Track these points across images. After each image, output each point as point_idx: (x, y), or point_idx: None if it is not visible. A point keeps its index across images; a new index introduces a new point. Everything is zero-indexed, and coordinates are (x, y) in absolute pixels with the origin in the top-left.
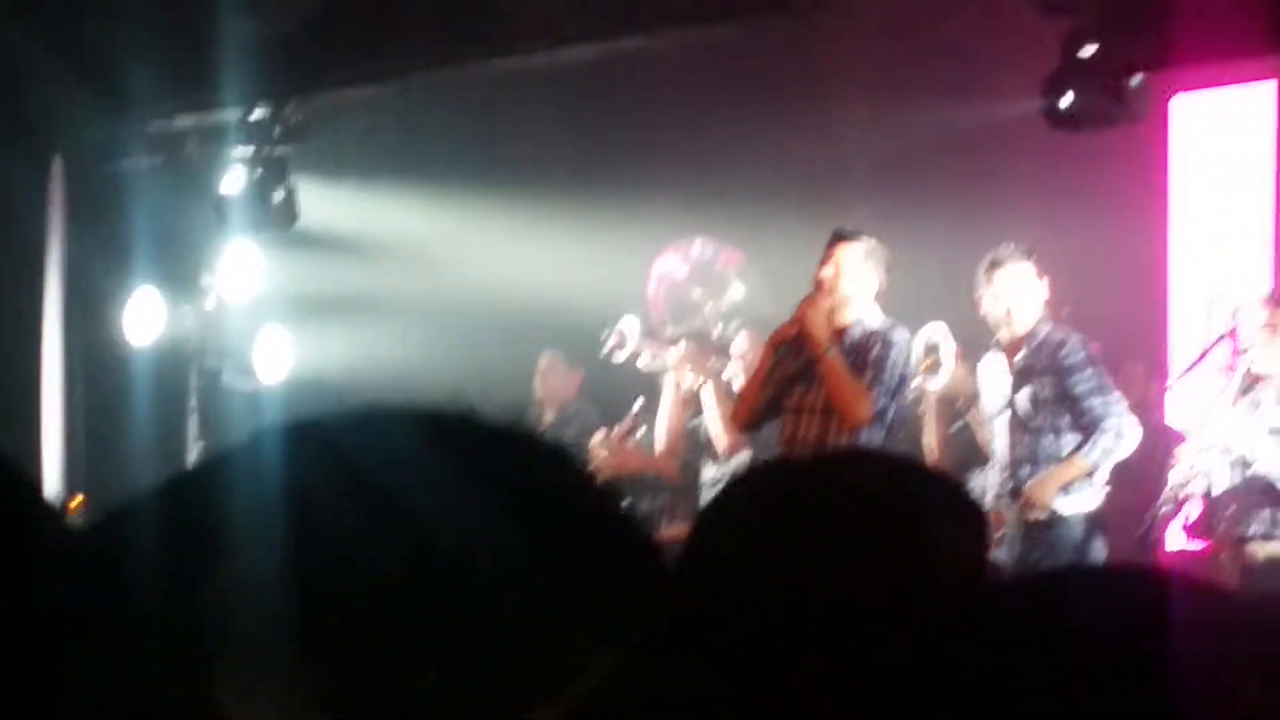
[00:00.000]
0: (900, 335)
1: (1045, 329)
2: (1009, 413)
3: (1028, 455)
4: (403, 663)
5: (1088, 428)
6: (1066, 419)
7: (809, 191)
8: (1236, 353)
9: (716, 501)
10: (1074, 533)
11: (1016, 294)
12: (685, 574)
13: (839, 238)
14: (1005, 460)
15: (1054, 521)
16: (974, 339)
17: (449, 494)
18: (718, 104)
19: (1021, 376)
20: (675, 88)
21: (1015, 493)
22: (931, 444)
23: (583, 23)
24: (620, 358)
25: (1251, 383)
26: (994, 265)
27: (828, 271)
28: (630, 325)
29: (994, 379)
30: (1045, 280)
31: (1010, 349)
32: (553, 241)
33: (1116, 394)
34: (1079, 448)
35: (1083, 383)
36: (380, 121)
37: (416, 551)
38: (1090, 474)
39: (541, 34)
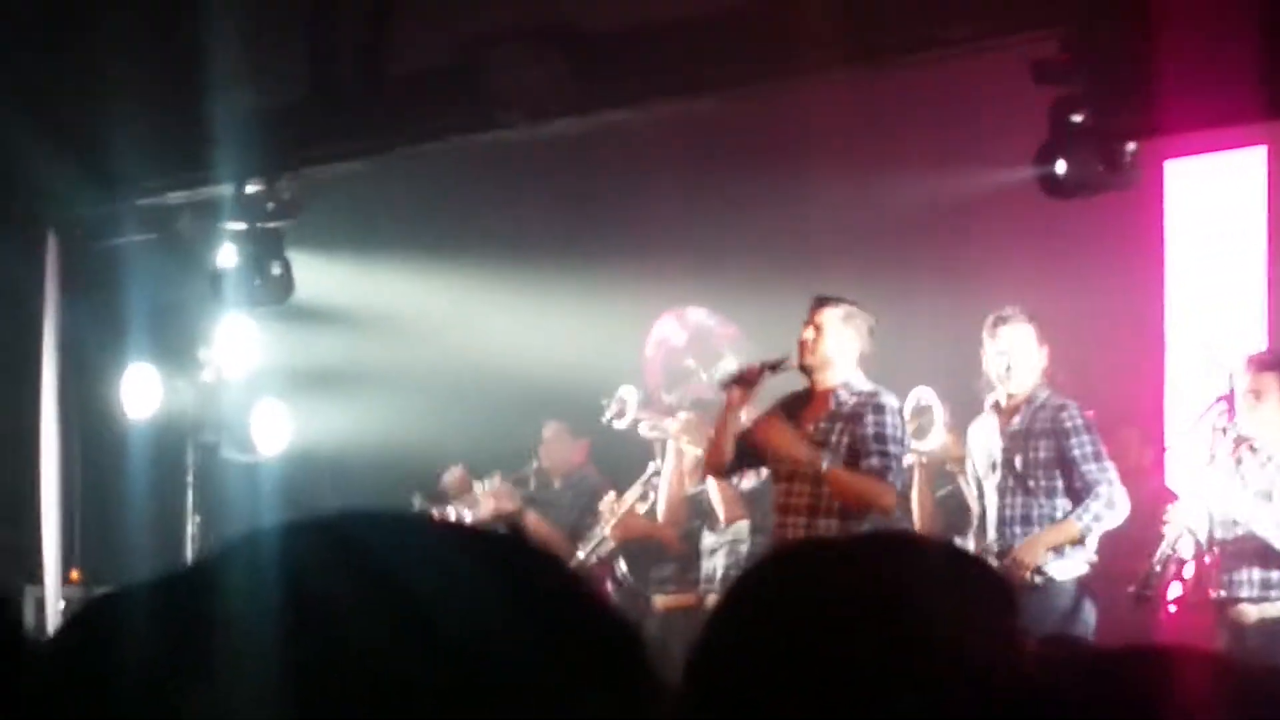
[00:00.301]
0: (890, 400)
1: (1044, 393)
2: (1001, 474)
3: (1019, 516)
4: None
5: (1080, 493)
6: (1060, 483)
7: (800, 262)
8: (1232, 415)
9: (740, 587)
10: (1064, 598)
11: (1017, 353)
12: (707, 667)
13: (819, 303)
14: (995, 520)
15: (1044, 585)
16: (964, 404)
17: (458, 595)
18: (705, 175)
19: (1018, 438)
20: (662, 159)
21: (1004, 553)
22: (918, 507)
23: (565, 98)
24: (620, 425)
25: (1237, 446)
26: (998, 323)
27: (808, 334)
28: (629, 394)
29: (987, 439)
30: (1044, 347)
31: (1008, 410)
32: (547, 312)
33: (1110, 463)
34: (1070, 512)
35: (1079, 448)
36: (373, 195)
37: (425, 655)
38: (1079, 539)
39: (524, 109)
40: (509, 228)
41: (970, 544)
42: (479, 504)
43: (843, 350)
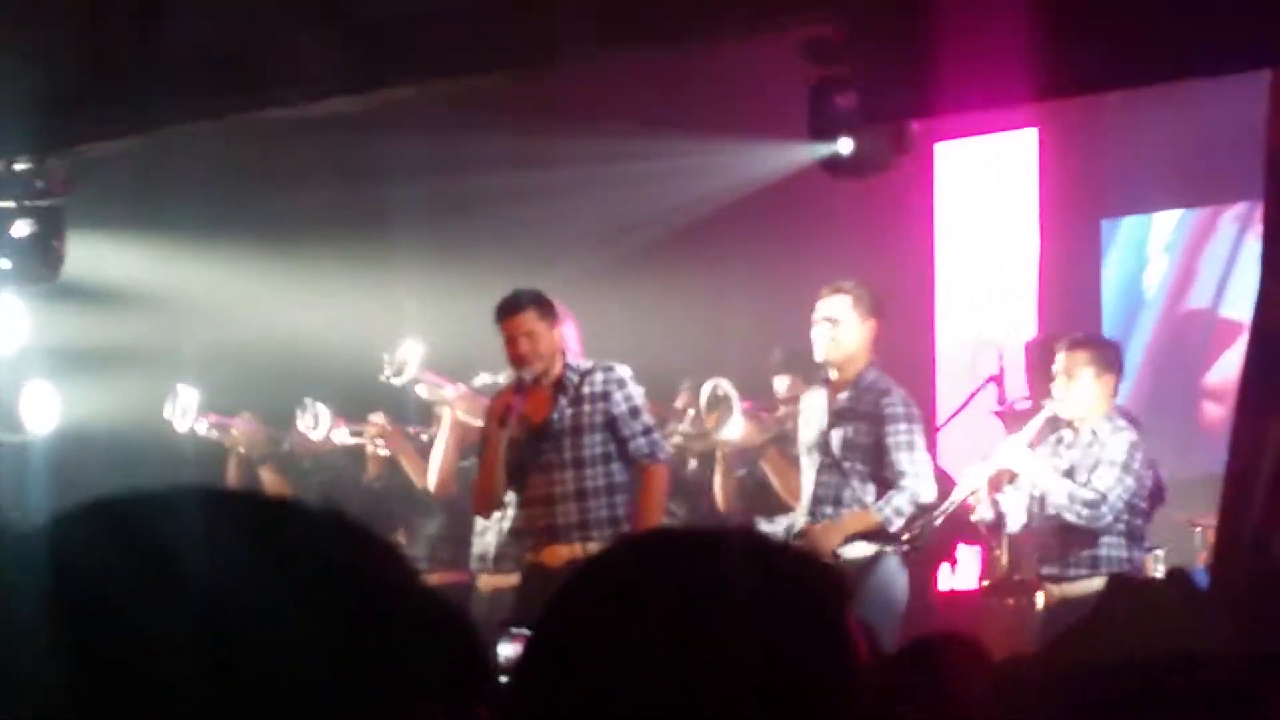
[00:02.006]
0: (626, 370)
1: (873, 375)
2: (819, 451)
3: (831, 497)
4: None
5: (889, 482)
6: (873, 468)
7: (571, 248)
8: (1003, 396)
9: (568, 589)
10: (874, 584)
11: (842, 331)
12: (532, 669)
13: (509, 312)
14: (809, 497)
15: (848, 567)
16: (765, 390)
17: (237, 571)
18: (483, 153)
19: (840, 416)
20: (438, 138)
21: (802, 534)
22: (720, 493)
23: (341, 76)
24: (399, 382)
25: (1050, 425)
26: (823, 302)
27: (522, 348)
28: (412, 351)
29: (815, 414)
30: (872, 320)
31: (835, 387)
32: (321, 291)
33: (924, 455)
34: (874, 502)
35: (893, 435)
36: (150, 174)
37: (200, 627)
38: (880, 528)
39: (301, 87)
40: (282, 206)
41: (773, 524)
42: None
43: (553, 339)
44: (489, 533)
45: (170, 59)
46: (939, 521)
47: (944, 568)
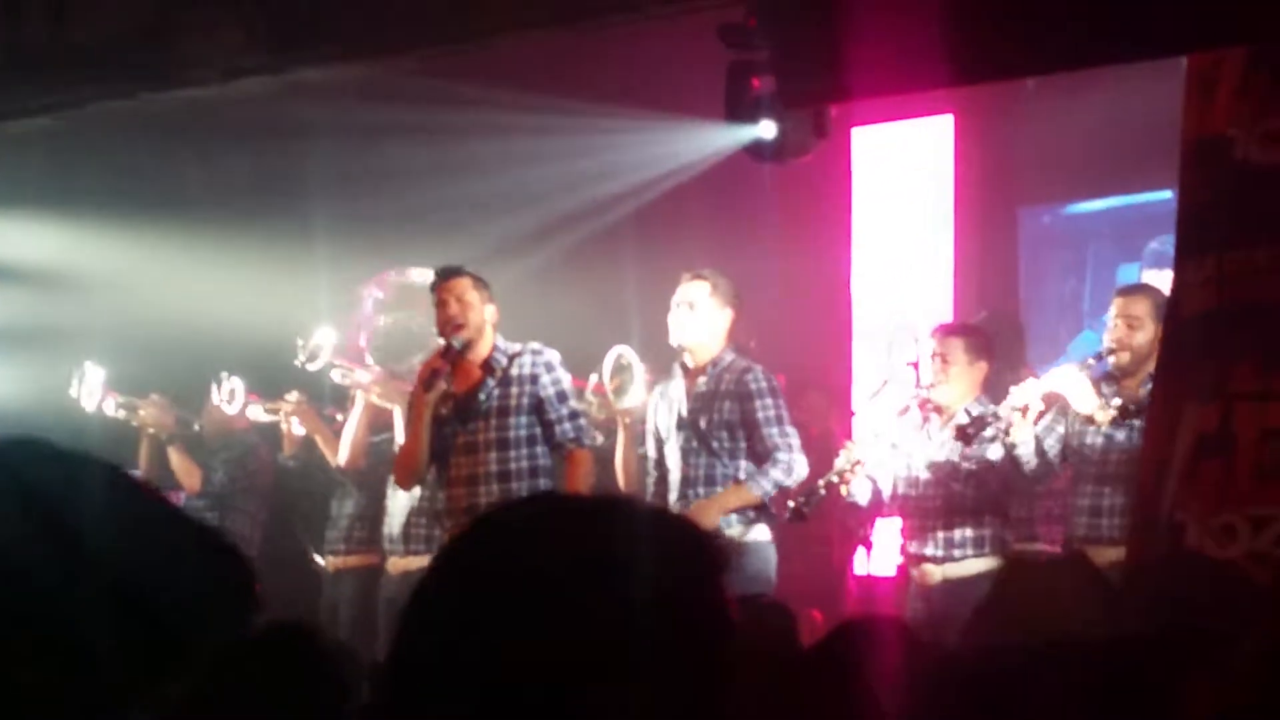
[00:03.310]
0: (556, 354)
1: (730, 356)
2: (685, 434)
3: (703, 477)
4: None
5: (761, 456)
6: (743, 445)
7: (487, 222)
8: (920, 381)
9: (447, 553)
10: (753, 559)
11: (699, 316)
12: (412, 640)
13: (445, 276)
14: (678, 480)
15: (735, 548)
16: (664, 364)
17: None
18: (399, 134)
19: (703, 399)
20: (354, 117)
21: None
22: (622, 467)
23: (256, 58)
24: (313, 368)
25: (924, 408)
26: (683, 287)
27: (452, 310)
28: (326, 337)
29: (673, 399)
30: (729, 310)
31: (694, 371)
32: (233, 270)
33: (792, 428)
34: (749, 477)
35: (762, 410)
36: (57, 152)
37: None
38: (757, 504)
39: (215, 68)
40: (196, 185)
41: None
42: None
43: (483, 316)
44: (399, 514)
45: (83, 39)
46: (824, 491)
47: (861, 550)
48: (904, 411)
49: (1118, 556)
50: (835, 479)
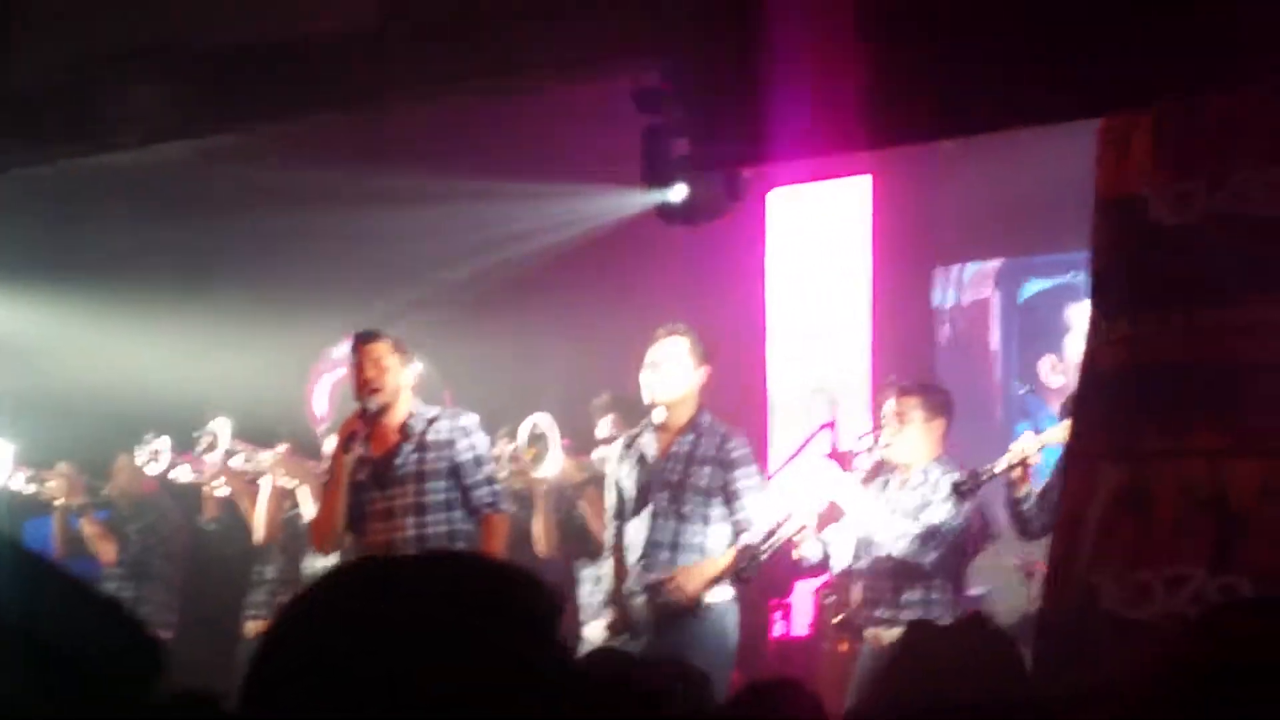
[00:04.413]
0: (473, 419)
1: (708, 418)
2: (655, 495)
3: (669, 542)
4: None
5: (736, 525)
6: (719, 511)
7: (406, 285)
8: (837, 442)
9: (288, 608)
10: (717, 622)
11: (673, 373)
12: (258, 689)
13: (362, 340)
14: (643, 541)
15: (696, 610)
16: (584, 429)
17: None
18: (321, 197)
19: (678, 460)
20: (276, 180)
21: (660, 581)
22: (539, 532)
23: (176, 120)
24: (213, 458)
25: (880, 468)
26: (659, 343)
27: (368, 374)
28: (221, 426)
29: (645, 456)
30: (704, 368)
31: (670, 430)
32: (142, 334)
33: (766, 496)
34: (731, 544)
35: (743, 479)
36: None
37: None
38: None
39: (136, 131)
40: (118, 252)
41: (595, 567)
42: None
43: (403, 379)
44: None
45: (6, 101)
46: (764, 556)
47: (779, 613)
48: (868, 476)
49: None
50: (779, 544)
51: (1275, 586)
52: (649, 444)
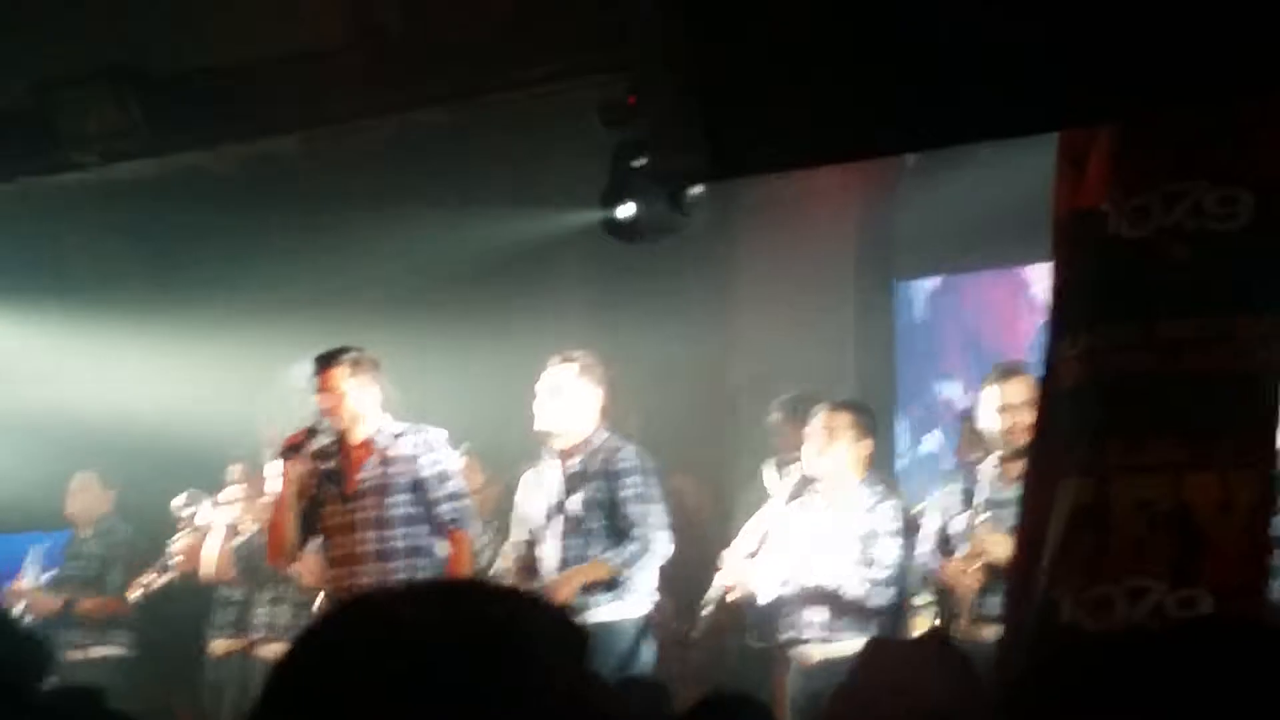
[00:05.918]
0: (440, 433)
1: (602, 436)
2: (560, 518)
3: (575, 558)
4: None
5: (624, 533)
6: (614, 523)
7: (353, 310)
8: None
9: (301, 639)
10: (621, 639)
11: (569, 399)
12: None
13: (324, 364)
14: (556, 563)
15: (601, 628)
16: (513, 453)
17: None
18: (285, 218)
19: (575, 480)
20: (241, 203)
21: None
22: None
23: (137, 140)
24: (200, 521)
25: (805, 485)
26: (548, 372)
27: (323, 402)
28: (194, 499)
29: (546, 485)
30: (601, 389)
31: (565, 454)
32: (113, 359)
33: (658, 505)
34: (605, 551)
35: (627, 489)
36: None
37: None
38: (615, 578)
39: (96, 151)
40: (82, 273)
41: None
42: None
43: (366, 400)
44: (283, 603)
45: None
46: (708, 611)
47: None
48: (793, 493)
49: None
50: (713, 607)
51: (1236, 599)
52: (551, 469)
